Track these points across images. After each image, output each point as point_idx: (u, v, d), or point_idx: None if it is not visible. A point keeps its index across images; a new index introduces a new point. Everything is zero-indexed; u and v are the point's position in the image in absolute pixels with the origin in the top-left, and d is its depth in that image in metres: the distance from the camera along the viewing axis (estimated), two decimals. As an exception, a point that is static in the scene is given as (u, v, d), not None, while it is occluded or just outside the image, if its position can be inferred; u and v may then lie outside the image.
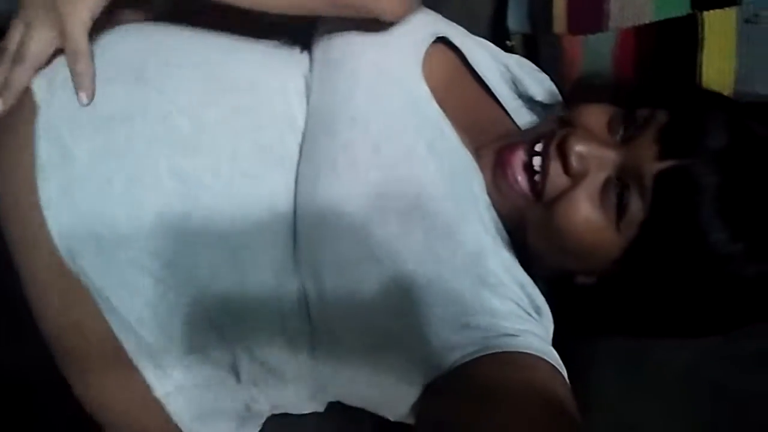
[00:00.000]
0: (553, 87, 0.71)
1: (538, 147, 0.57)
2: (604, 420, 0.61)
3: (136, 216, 0.54)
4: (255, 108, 0.59)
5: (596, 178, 0.54)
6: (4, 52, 0.56)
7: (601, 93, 0.72)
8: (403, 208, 0.55)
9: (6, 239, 0.56)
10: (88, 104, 0.55)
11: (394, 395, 0.55)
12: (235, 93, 0.59)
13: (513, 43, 0.78)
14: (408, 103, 0.59)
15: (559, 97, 0.71)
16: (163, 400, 0.55)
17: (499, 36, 0.79)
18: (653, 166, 0.52)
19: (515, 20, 0.77)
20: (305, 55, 0.65)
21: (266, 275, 0.56)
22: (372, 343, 0.54)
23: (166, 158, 0.55)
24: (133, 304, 0.54)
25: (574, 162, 0.54)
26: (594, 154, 0.54)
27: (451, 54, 0.66)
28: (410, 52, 0.62)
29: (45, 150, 0.55)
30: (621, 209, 0.53)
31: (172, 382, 0.55)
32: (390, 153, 0.56)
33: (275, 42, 0.65)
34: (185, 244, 0.54)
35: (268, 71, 0.61)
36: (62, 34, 0.55)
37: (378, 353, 0.54)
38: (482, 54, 0.67)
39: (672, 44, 0.70)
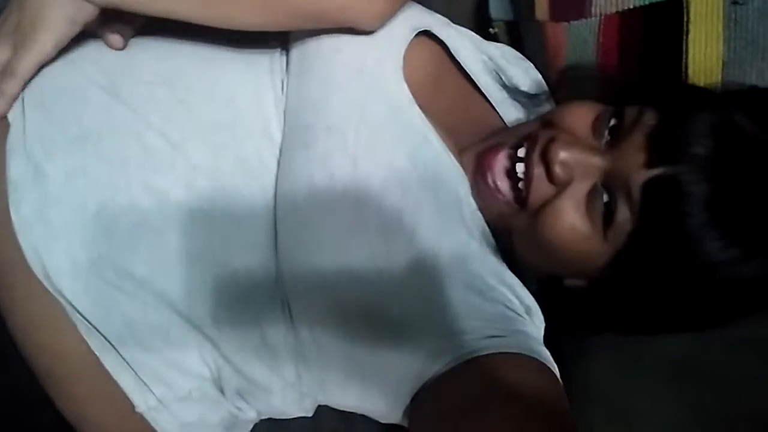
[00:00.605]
0: (539, 76, 0.70)
1: (521, 152, 0.56)
2: (596, 406, 0.60)
3: (112, 236, 0.53)
4: (231, 122, 0.57)
5: (581, 186, 0.53)
6: None
7: (587, 82, 0.71)
8: (383, 221, 0.53)
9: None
10: None
11: (382, 404, 0.55)
12: (211, 107, 0.57)
13: (496, 30, 0.76)
14: (388, 110, 0.57)
15: (545, 86, 0.70)
16: (146, 415, 0.55)
17: (481, 24, 0.77)
18: (641, 175, 0.50)
19: (497, 7, 0.76)
20: (284, 58, 0.63)
21: (247, 291, 0.55)
22: (355, 354, 0.54)
23: (139, 177, 0.53)
24: (111, 323, 0.53)
25: (558, 170, 0.53)
26: (579, 161, 0.53)
27: (433, 47, 0.65)
28: (390, 50, 0.60)
29: (16, 169, 0.53)
30: (608, 218, 0.52)
31: (153, 397, 0.54)
32: (368, 166, 0.54)
33: (256, 46, 0.63)
34: (161, 262, 0.53)
35: (245, 82, 0.59)
36: (15, 53, 0.54)
37: (361, 366, 0.54)
38: (466, 45, 0.66)
39: (657, 29, 0.68)
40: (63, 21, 0.54)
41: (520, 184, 0.56)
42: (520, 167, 0.56)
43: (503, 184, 0.57)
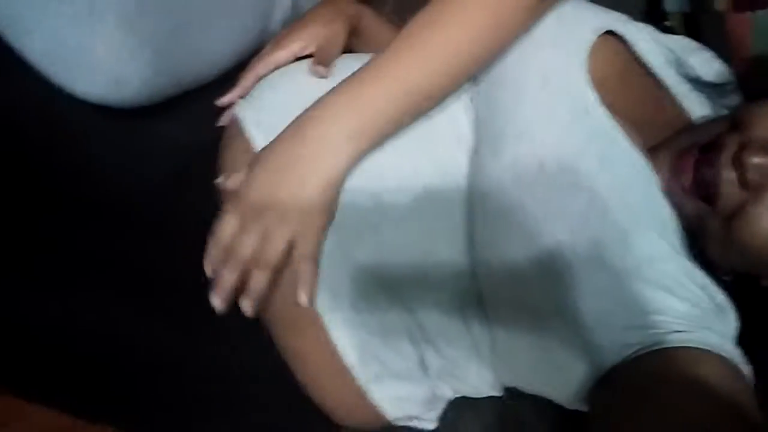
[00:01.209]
0: (722, 65, 0.67)
1: (711, 157, 0.55)
2: None
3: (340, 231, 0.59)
4: (427, 128, 0.61)
5: None
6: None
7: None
8: (569, 222, 0.55)
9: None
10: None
11: (567, 388, 0.56)
12: None
13: (672, 23, 0.75)
14: (576, 113, 0.58)
15: (730, 76, 0.67)
16: (365, 387, 0.62)
17: (655, 17, 0.76)
18: None
19: (672, -1, 0.74)
20: None
21: (447, 280, 0.59)
22: (542, 339, 0.56)
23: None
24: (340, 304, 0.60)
25: (752, 175, 0.52)
26: None
27: (616, 45, 0.65)
28: (574, 53, 0.60)
29: None
30: None
31: (372, 372, 0.61)
32: (555, 169, 0.56)
33: None
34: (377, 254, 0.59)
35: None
36: (295, 242, 0.55)
37: (548, 351, 0.56)
38: (646, 39, 0.65)
39: None
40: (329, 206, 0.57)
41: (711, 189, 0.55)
42: (709, 172, 0.55)
43: (695, 187, 0.56)
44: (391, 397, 0.62)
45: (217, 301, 0.55)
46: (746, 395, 0.49)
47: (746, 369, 0.51)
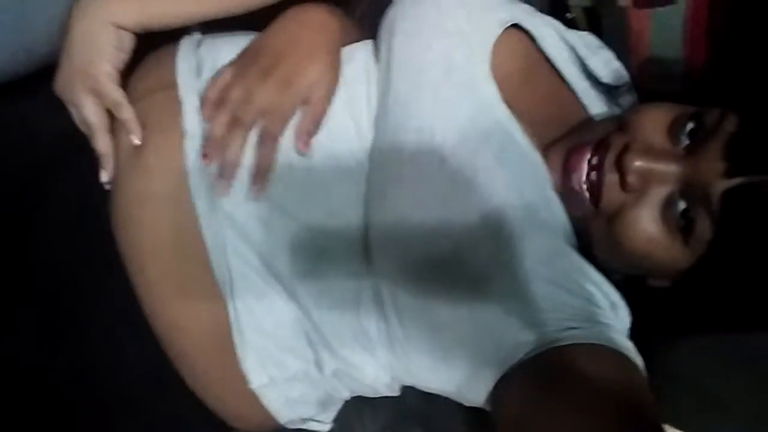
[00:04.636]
0: (620, 67, 0.68)
1: (595, 159, 0.55)
2: (686, 396, 0.60)
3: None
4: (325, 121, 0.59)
5: (657, 194, 0.53)
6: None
7: (670, 72, 0.69)
8: (468, 220, 0.54)
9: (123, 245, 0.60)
10: (140, 144, 0.59)
11: (467, 388, 0.56)
12: None
13: (573, 15, 0.74)
14: (476, 108, 0.57)
15: (626, 77, 0.68)
16: (258, 391, 0.60)
17: (557, 9, 0.75)
18: (720, 184, 0.49)
19: (575, -9, 0.74)
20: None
21: (344, 282, 0.57)
22: (442, 339, 0.55)
23: None
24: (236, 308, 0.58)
25: (632, 179, 0.53)
26: (655, 170, 0.52)
27: (521, 39, 0.64)
28: (478, 46, 0.60)
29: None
30: (687, 227, 0.51)
31: (266, 376, 0.59)
32: (455, 165, 0.55)
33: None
34: (269, 263, 0.58)
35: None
36: (97, 94, 0.58)
37: (448, 351, 0.55)
38: (551, 35, 0.65)
39: (747, 15, 0.65)
40: (112, 50, 0.58)
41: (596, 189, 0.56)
42: (593, 173, 0.55)
43: (582, 187, 0.56)
44: (283, 400, 0.61)
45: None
46: (643, 388, 0.49)
47: (639, 360, 0.52)
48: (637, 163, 0.52)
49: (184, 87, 0.61)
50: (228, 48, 0.63)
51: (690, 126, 0.53)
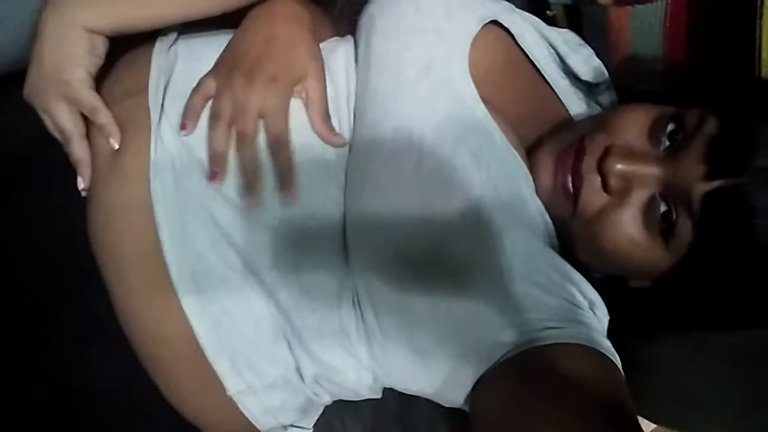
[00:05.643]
0: (600, 65, 0.68)
1: (577, 161, 0.56)
2: (663, 393, 0.60)
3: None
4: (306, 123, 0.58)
5: (638, 196, 0.53)
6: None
7: (649, 71, 0.69)
8: (444, 218, 0.53)
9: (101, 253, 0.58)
10: (118, 149, 0.57)
11: (446, 389, 0.56)
12: None
13: (554, 13, 0.74)
14: (453, 108, 0.57)
15: (606, 75, 0.68)
16: (235, 398, 0.58)
17: (537, 6, 0.75)
18: (701, 187, 0.50)
19: (555, -11, 0.73)
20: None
21: (325, 282, 0.56)
22: (419, 338, 0.55)
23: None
24: (211, 311, 0.57)
25: (614, 182, 0.53)
26: (637, 173, 0.53)
27: (500, 36, 0.64)
28: (456, 44, 0.59)
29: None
30: (668, 229, 0.52)
31: (243, 382, 0.58)
32: (432, 164, 0.54)
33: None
34: (249, 262, 0.56)
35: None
36: (72, 101, 0.57)
37: (426, 350, 0.55)
38: (531, 32, 0.65)
39: (727, 13, 0.65)
40: (85, 55, 0.57)
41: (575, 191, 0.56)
42: (575, 175, 0.56)
43: (564, 188, 0.57)
44: (263, 408, 0.59)
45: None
46: (622, 387, 0.50)
47: (616, 359, 0.52)
48: (619, 167, 0.53)
49: (156, 90, 0.59)
50: (204, 48, 0.62)
51: (670, 127, 0.53)
